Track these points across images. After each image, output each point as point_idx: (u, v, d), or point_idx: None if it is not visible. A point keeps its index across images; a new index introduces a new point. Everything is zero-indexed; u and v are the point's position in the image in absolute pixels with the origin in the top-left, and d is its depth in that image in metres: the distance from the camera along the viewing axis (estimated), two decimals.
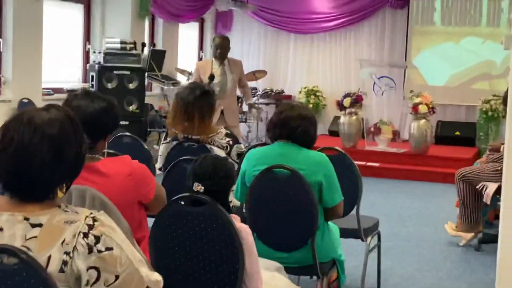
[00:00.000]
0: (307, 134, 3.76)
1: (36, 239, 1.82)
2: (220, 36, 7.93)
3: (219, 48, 7.59)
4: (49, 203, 1.90)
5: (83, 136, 1.98)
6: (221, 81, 7.57)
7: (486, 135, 11.14)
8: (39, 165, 1.85)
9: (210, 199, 2.83)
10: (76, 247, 1.82)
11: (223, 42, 7.66)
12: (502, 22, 11.44)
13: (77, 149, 1.93)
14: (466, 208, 6.18)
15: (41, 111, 1.92)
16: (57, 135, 1.88)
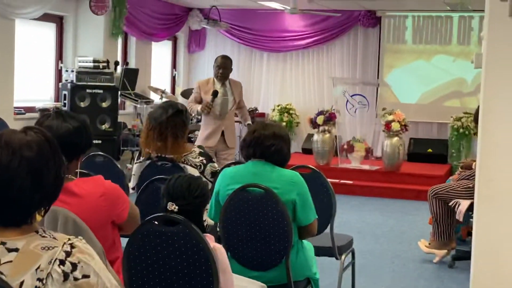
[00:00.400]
0: (280, 152, 3.77)
1: (11, 264, 1.79)
2: (222, 56, 7.66)
3: (222, 68, 7.37)
4: (27, 227, 1.87)
5: (62, 159, 1.95)
6: (223, 102, 7.36)
7: (458, 152, 11.25)
8: (17, 189, 1.82)
9: (184, 219, 2.81)
10: (50, 274, 1.79)
11: (225, 62, 7.45)
12: (473, 41, 11.59)
13: (56, 172, 1.90)
14: (439, 225, 6.22)
15: (19, 134, 1.88)
16: (36, 158, 1.85)
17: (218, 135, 7.35)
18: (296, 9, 9.99)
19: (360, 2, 11.19)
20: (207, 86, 7.38)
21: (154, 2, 11.58)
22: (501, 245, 3.72)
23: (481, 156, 3.80)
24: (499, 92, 3.63)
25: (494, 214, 3.79)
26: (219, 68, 7.38)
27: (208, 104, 7.21)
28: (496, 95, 3.65)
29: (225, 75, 7.41)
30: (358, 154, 10.44)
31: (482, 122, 3.73)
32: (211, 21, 12.12)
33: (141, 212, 3.19)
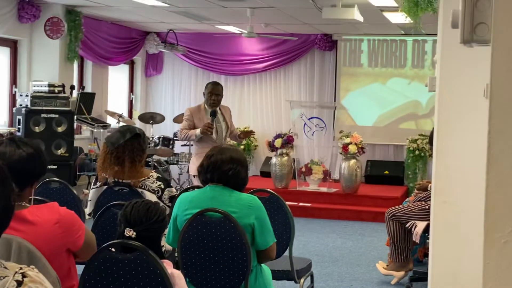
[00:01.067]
0: (238, 176, 3.77)
1: None
2: (213, 82, 7.30)
3: (214, 94, 7.00)
4: None
5: (12, 186, 1.90)
6: (218, 128, 7.05)
7: (414, 173, 11.38)
8: None
9: (141, 245, 2.78)
10: None
11: (217, 88, 7.09)
12: (426, 64, 11.79)
13: (5, 201, 1.86)
14: (396, 246, 6.27)
15: None
16: None
17: None
18: (253, 33, 10.05)
19: (317, 26, 11.31)
20: (200, 113, 7.05)
21: (110, 26, 11.53)
22: (457, 266, 3.77)
23: (436, 178, 3.85)
24: (452, 115, 3.70)
25: (449, 235, 3.84)
26: (211, 94, 7.01)
27: (209, 124, 6.85)
28: (449, 117, 3.71)
29: (217, 102, 7.06)
30: (316, 176, 10.48)
31: (436, 144, 3.79)
32: (168, 45, 12.11)
33: (98, 238, 3.15)
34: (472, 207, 3.66)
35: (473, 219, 3.64)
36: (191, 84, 13.18)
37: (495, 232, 1.39)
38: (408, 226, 6.13)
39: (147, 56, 13.10)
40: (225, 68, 12.85)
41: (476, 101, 3.53)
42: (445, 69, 3.70)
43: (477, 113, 3.58)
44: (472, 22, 1.39)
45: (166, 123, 12.07)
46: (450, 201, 3.79)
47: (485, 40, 1.41)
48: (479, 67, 3.41)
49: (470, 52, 3.53)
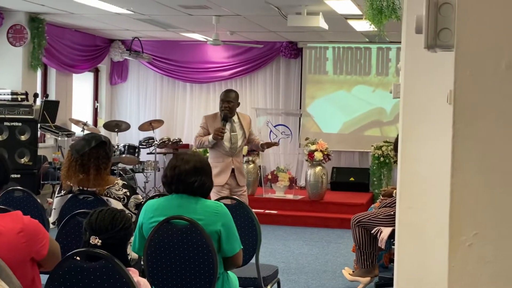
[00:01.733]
0: (203, 187, 3.76)
1: None
2: (226, 90, 7.16)
3: (225, 102, 6.90)
4: None
5: None
6: (232, 138, 6.95)
7: (379, 180, 11.46)
8: None
9: (107, 254, 2.76)
10: None
11: (229, 95, 6.97)
12: (390, 72, 11.90)
13: None
14: (362, 253, 6.30)
15: None
16: None
17: (228, 173, 6.89)
18: (219, 41, 10.05)
19: (282, 34, 11.36)
20: (215, 121, 6.97)
21: (74, 33, 11.44)
22: (422, 270, 3.80)
23: (401, 184, 3.89)
24: (416, 121, 3.73)
25: (414, 240, 3.87)
26: (223, 102, 6.92)
27: (220, 129, 6.78)
28: (413, 124, 3.75)
29: (230, 109, 6.93)
30: (282, 184, 10.51)
31: (401, 150, 3.82)
32: (133, 52, 12.04)
33: (62, 247, 3.12)
34: (437, 213, 3.70)
35: (437, 224, 3.69)
36: (156, 92, 13.12)
37: (460, 236, 1.41)
38: (373, 232, 6.17)
39: (112, 64, 13.02)
40: (190, 75, 12.82)
41: (439, 107, 3.58)
42: (409, 75, 3.74)
43: (440, 119, 3.62)
44: (435, 28, 1.41)
45: (132, 131, 12.00)
46: (415, 206, 3.82)
47: (449, 45, 1.43)
48: (443, 73, 3.46)
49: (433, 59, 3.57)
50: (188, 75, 12.84)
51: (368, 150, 11.77)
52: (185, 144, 12.41)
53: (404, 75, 3.76)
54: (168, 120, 12.71)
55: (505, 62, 1.41)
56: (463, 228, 1.40)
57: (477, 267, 1.40)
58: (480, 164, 1.41)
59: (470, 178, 1.40)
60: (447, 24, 1.40)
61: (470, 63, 1.41)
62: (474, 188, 1.41)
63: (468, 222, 1.40)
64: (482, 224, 1.40)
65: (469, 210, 1.40)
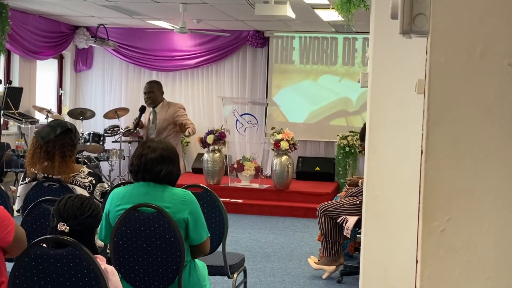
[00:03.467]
0: (170, 176, 3.74)
1: None
2: (148, 81, 7.47)
3: (146, 93, 7.21)
4: None
5: None
6: (149, 129, 7.20)
7: (345, 169, 11.53)
8: None
9: (74, 241, 2.73)
10: None
11: (149, 86, 7.27)
12: (357, 62, 11.96)
13: None
14: (327, 241, 6.34)
15: None
16: None
17: None
18: (185, 29, 9.98)
19: (249, 23, 11.33)
20: (147, 113, 7.34)
21: (39, 19, 11.27)
22: (388, 259, 3.83)
23: (367, 173, 3.91)
24: (385, 110, 3.76)
25: (380, 229, 3.90)
26: (144, 94, 7.23)
27: (134, 119, 7.23)
28: (381, 112, 3.77)
29: (152, 100, 7.20)
30: (248, 173, 10.51)
31: (368, 139, 3.84)
32: (98, 39, 11.90)
33: (27, 235, 3.08)
34: (403, 202, 3.73)
35: (404, 213, 3.72)
36: (121, 80, 13.02)
37: (432, 221, 1.42)
38: (339, 221, 6.22)
39: (76, 51, 12.86)
40: (156, 64, 12.74)
41: (407, 96, 3.61)
42: (377, 64, 3.76)
43: (408, 108, 3.65)
44: (411, 13, 1.41)
45: (97, 119, 11.89)
46: (382, 195, 3.85)
47: (424, 31, 1.43)
48: (410, 62, 3.48)
49: (401, 48, 3.59)
50: (154, 63, 12.75)
51: (334, 140, 11.83)
52: None
53: (372, 64, 3.78)
54: (134, 108, 12.58)
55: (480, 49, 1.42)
56: (435, 214, 1.41)
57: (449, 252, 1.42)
58: (454, 150, 1.42)
59: (443, 163, 1.41)
60: (422, 10, 1.40)
61: (444, 50, 1.42)
62: (447, 174, 1.42)
63: (441, 207, 1.41)
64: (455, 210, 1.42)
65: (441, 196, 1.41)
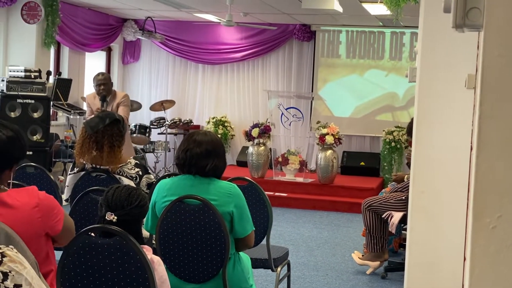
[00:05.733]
0: (216, 169, 3.73)
1: None
2: (97, 74, 7.95)
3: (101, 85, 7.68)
4: None
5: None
6: None
7: (390, 165, 11.44)
8: None
9: (121, 230, 2.76)
10: None
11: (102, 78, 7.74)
12: (404, 56, 11.84)
13: None
14: (372, 237, 6.30)
15: None
16: None
17: None
18: (232, 22, 10.00)
19: (295, 16, 11.30)
20: (95, 100, 7.74)
21: (88, 12, 11.43)
22: (434, 256, 3.79)
23: (414, 168, 3.87)
24: (432, 105, 3.71)
25: (427, 225, 3.87)
26: (98, 86, 7.70)
27: (98, 109, 7.48)
28: (429, 108, 3.73)
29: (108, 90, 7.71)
30: (292, 166, 10.50)
31: (415, 134, 3.80)
32: (146, 32, 12.02)
33: (75, 224, 3.13)
34: (451, 197, 3.69)
35: (451, 209, 3.68)
36: (168, 72, 13.12)
37: (483, 218, 1.39)
38: (384, 216, 6.17)
39: (124, 43, 13.01)
40: (202, 56, 12.80)
41: (456, 91, 3.56)
42: (426, 59, 3.71)
43: (456, 103, 3.60)
44: (464, 7, 1.39)
45: (143, 111, 12.02)
46: (428, 191, 3.81)
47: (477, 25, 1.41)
48: (460, 57, 3.43)
49: (451, 43, 3.55)
50: (200, 56, 12.81)
51: (379, 135, 11.75)
52: (196, 125, 12.43)
53: (420, 59, 3.74)
54: (180, 101, 12.72)
55: None
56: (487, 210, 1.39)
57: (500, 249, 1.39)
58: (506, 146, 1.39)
59: (496, 160, 1.39)
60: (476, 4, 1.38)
61: (498, 44, 1.39)
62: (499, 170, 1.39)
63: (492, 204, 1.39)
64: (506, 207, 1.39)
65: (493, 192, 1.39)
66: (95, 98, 7.76)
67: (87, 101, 7.95)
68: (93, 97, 7.85)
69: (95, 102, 7.69)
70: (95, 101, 7.72)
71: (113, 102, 7.73)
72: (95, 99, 7.76)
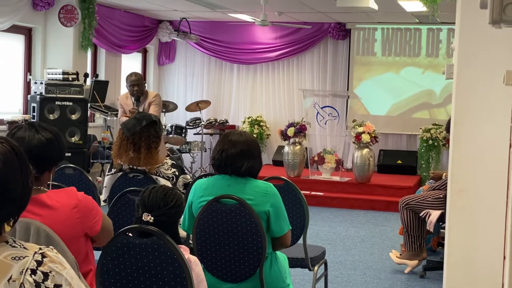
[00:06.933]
0: (252, 169, 3.72)
1: None
2: (130, 74, 8.01)
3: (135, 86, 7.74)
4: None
5: (29, 168, 1.90)
6: None
7: (427, 163, 11.34)
8: None
9: (158, 231, 2.78)
10: (23, 284, 1.75)
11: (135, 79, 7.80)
12: (441, 53, 11.72)
13: (23, 182, 1.86)
14: (410, 235, 6.25)
15: None
16: (2, 170, 1.80)
17: None
18: (266, 22, 10.01)
19: (330, 15, 11.27)
20: (127, 101, 7.80)
21: (124, 14, 11.53)
22: (473, 254, 3.75)
23: (452, 166, 3.83)
24: (470, 102, 3.67)
25: (465, 223, 3.82)
26: (131, 87, 7.75)
27: (132, 109, 7.53)
28: (467, 105, 3.68)
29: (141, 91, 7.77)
30: (328, 165, 10.47)
31: (453, 132, 3.76)
32: (181, 33, 12.09)
33: (113, 224, 3.16)
34: (490, 195, 3.64)
35: (490, 207, 3.63)
36: (203, 73, 13.17)
37: None
38: (422, 215, 6.12)
39: (159, 44, 13.10)
40: (237, 56, 12.82)
41: (494, 87, 3.51)
42: (463, 56, 3.67)
43: (494, 100, 3.55)
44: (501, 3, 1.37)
45: (179, 111, 12.08)
46: (467, 189, 3.77)
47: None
48: (498, 53, 3.39)
49: (488, 39, 3.50)
50: (235, 56, 12.84)
51: (416, 132, 11.65)
52: (232, 125, 12.46)
53: (457, 55, 3.69)
54: (215, 101, 12.76)
55: None
56: None
57: None
58: None
59: None
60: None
61: None
62: None
63: None
64: None
65: None
66: (128, 99, 7.83)
67: (120, 101, 8.04)
68: (125, 97, 7.93)
69: (127, 103, 7.75)
70: (127, 101, 7.78)
71: (145, 101, 7.81)
72: (127, 100, 7.82)
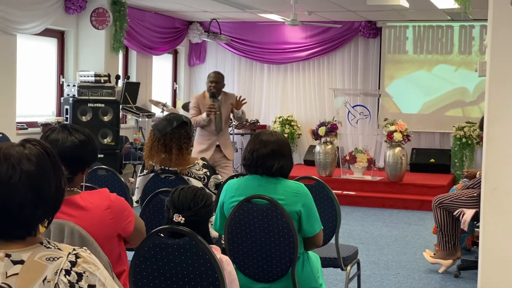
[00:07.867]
0: (283, 169, 3.72)
1: (18, 276, 1.77)
2: (215, 71, 7.71)
3: (214, 82, 7.41)
4: (31, 239, 1.85)
5: (62, 170, 1.92)
6: (217, 118, 7.35)
7: (461, 161, 11.23)
8: (19, 204, 1.79)
9: (190, 231, 2.80)
10: (58, 284, 1.77)
11: (217, 76, 7.50)
12: (474, 50, 11.60)
13: (56, 183, 1.88)
14: (444, 235, 6.19)
15: (17, 147, 1.85)
16: (36, 171, 1.82)
17: (212, 150, 7.34)
18: (296, 21, 9.99)
19: (360, 13, 11.21)
20: (205, 100, 7.42)
21: (154, 16, 11.61)
22: (508, 254, 3.71)
23: (486, 165, 3.79)
24: (504, 100, 3.63)
25: (500, 222, 3.78)
26: (210, 82, 7.43)
27: (211, 105, 7.25)
28: (500, 102, 3.64)
29: (217, 89, 7.42)
30: (360, 165, 10.42)
31: (487, 130, 3.72)
32: (211, 34, 12.13)
33: (146, 225, 3.18)
34: None
35: None
36: (234, 73, 13.19)
37: None
38: (456, 214, 6.06)
39: (190, 45, 13.15)
40: (268, 56, 12.83)
41: None
42: (496, 53, 3.63)
43: None
44: None
45: None
46: (501, 188, 3.73)
47: None
48: None
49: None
50: (265, 56, 12.85)
51: (449, 131, 11.54)
52: (263, 125, 12.46)
53: (490, 53, 3.65)
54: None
55: None
56: None
57: None
58: None
59: None
60: None
61: None
62: None
63: None
64: None
65: None
66: (206, 98, 7.45)
67: (196, 100, 7.54)
68: (202, 96, 7.52)
69: (205, 102, 7.39)
70: (205, 101, 7.41)
71: (227, 101, 7.50)
72: (205, 99, 7.44)
